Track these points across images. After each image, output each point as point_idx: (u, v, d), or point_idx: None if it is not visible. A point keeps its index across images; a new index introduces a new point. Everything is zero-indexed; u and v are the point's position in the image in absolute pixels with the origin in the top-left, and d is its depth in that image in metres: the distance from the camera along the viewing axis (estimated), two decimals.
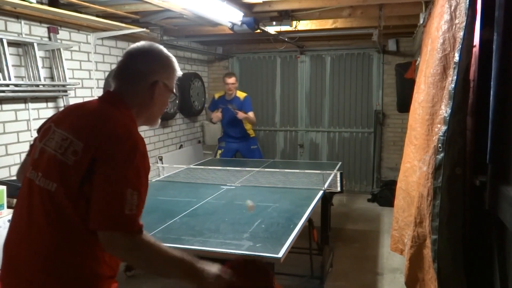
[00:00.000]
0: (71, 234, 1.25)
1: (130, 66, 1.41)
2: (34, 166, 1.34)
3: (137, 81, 1.40)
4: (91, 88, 4.26)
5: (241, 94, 5.44)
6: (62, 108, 1.47)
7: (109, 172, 1.21)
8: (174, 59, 1.47)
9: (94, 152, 1.23)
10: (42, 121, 1.54)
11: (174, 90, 1.50)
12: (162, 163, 5.36)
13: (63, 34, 3.90)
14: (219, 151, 5.60)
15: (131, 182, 1.21)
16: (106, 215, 1.19)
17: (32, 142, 1.48)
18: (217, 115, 5.37)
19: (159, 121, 1.54)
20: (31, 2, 3.08)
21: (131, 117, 1.38)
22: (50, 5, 3.45)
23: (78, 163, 1.24)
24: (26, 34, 3.50)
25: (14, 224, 1.36)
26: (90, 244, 1.25)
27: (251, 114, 5.39)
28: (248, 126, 5.60)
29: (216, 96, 5.51)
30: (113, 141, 1.24)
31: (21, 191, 1.37)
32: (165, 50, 1.46)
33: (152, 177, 4.57)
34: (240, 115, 5.27)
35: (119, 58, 1.45)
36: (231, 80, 5.28)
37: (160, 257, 1.25)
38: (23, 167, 1.48)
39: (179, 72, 1.50)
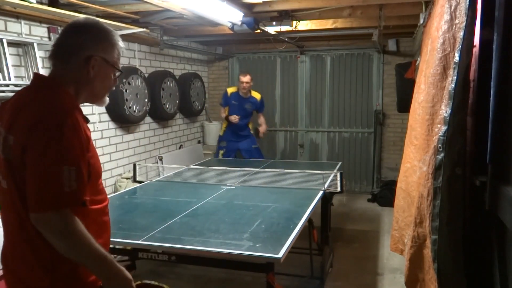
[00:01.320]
0: (25, 219, 1.25)
1: (62, 42, 1.35)
2: None
3: (69, 57, 1.33)
4: None
5: (257, 95, 5.47)
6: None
7: (40, 152, 1.18)
8: (113, 32, 1.40)
9: (23, 140, 1.21)
10: None
11: (119, 66, 1.44)
12: (162, 163, 5.37)
13: None
14: (221, 151, 5.59)
15: (65, 159, 1.18)
16: (44, 195, 1.17)
17: None
18: (235, 118, 5.36)
19: (107, 99, 1.49)
20: (31, 2, 3.08)
21: (68, 95, 1.32)
22: (50, 5, 3.45)
23: (16, 157, 1.23)
24: (26, 34, 3.50)
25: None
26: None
27: (262, 115, 5.61)
28: (251, 125, 5.61)
29: (229, 91, 5.50)
30: (38, 121, 1.20)
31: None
32: (102, 23, 1.40)
33: (152, 177, 4.58)
34: (262, 134, 5.47)
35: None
36: (246, 78, 5.29)
37: (87, 246, 1.23)
38: None
39: (120, 45, 1.42)
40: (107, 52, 1.38)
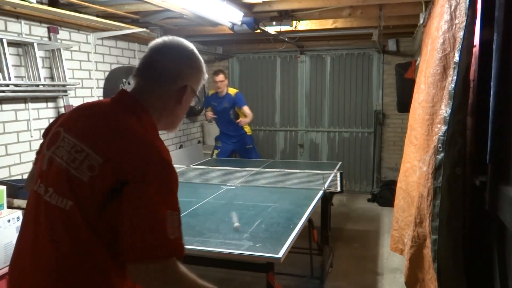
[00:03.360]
0: (84, 260, 1.07)
1: (157, 64, 1.22)
2: (42, 179, 1.16)
3: (163, 83, 1.22)
4: (91, 88, 4.26)
5: (232, 91, 5.44)
6: (72, 108, 1.33)
7: (145, 195, 1.04)
8: (202, 60, 1.31)
9: (119, 172, 1.05)
10: (42, 121, 1.48)
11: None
12: None
13: (63, 34, 3.90)
14: (216, 151, 5.60)
15: (168, 203, 1.08)
16: (149, 242, 1.02)
17: (38, 149, 1.31)
18: (208, 114, 5.42)
19: (178, 127, 1.39)
20: (31, 2, 3.08)
21: (152, 124, 1.21)
22: (50, 5, 3.45)
23: (96, 181, 1.06)
24: (26, 34, 3.50)
25: (19, 244, 1.20)
26: (107, 273, 1.10)
27: (246, 109, 5.36)
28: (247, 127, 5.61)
29: (210, 93, 5.53)
30: (143, 161, 1.07)
31: (27, 206, 1.20)
32: (196, 50, 1.29)
33: None
34: (242, 122, 5.32)
35: (119, 58, 1.38)
36: (219, 77, 5.28)
37: None
38: (31, 178, 1.31)
39: (206, 76, 1.34)
40: (197, 83, 1.29)
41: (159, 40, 1.26)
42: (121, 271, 1.07)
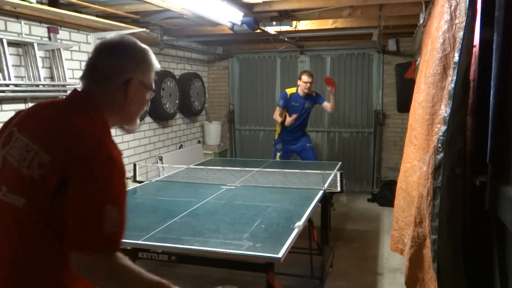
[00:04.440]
0: (39, 253, 1.13)
1: (99, 63, 1.26)
2: None
3: (107, 80, 1.25)
4: None
5: (311, 92, 5.35)
6: (26, 108, 1.34)
7: (85, 189, 1.09)
8: (150, 52, 1.32)
9: (64, 168, 1.10)
10: None
11: (153, 87, 1.35)
12: (162, 163, 5.37)
13: (63, 34, 3.90)
14: (278, 154, 5.44)
15: (110, 197, 1.11)
16: (84, 234, 1.08)
17: None
18: (291, 119, 5.21)
19: (138, 122, 1.40)
20: (31, 2, 3.08)
21: (102, 122, 1.24)
22: (50, 5, 3.45)
23: (45, 178, 1.11)
24: (26, 34, 3.50)
25: None
26: (59, 266, 1.15)
27: (326, 103, 5.33)
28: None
29: (288, 92, 5.30)
30: (86, 156, 1.11)
31: None
32: (138, 42, 1.31)
33: (152, 177, 4.57)
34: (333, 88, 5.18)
35: None
36: (311, 79, 5.15)
37: (138, 283, 1.14)
38: None
39: (157, 66, 1.34)
40: (145, 75, 1.30)
41: (101, 41, 1.29)
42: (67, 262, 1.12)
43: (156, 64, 1.34)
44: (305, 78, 5.17)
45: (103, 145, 1.15)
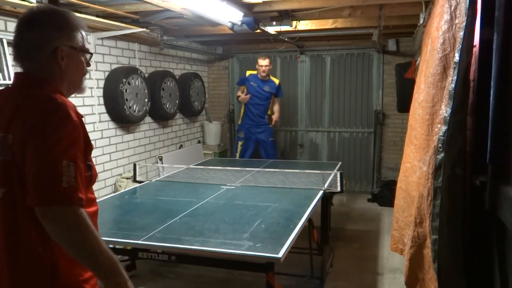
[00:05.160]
0: (25, 236, 1.21)
1: (21, 42, 1.30)
2: None
3: (36, 55, 1.27)
4: (91, 88, 4.26)
5: (275, 80, 5.52)
6: None
7: (40, 145, 1.13)
8: (71, 15, 1.32)
9: (24, 137, 1.15)
10: None
11: (87, 47, 1.37)
12: (162, 163, 5.37)
13: None
14: (240, 143, 5.56)
15: (66, 153, 1.14)
16: (42, 189, 1.12)
17: None
18: (245, 97, 5.40)
19: (85, 86, 1.43)
20: (31, 2, 3.08)
21: (53, 88, 1.27)
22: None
23: (15, 154, 1.18)
24: None
25: None
26: (49, 241, 1.20)
27: (279, 102, 5.68)
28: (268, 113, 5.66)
29: (247, 73, 5.57)
30: (40, 115, 1.17)
31: None
32: (56, 8, 1.31)
33: (152, 177, 4.58)
34: (276, 119, 5.55)
35: (119, 58, 1.39)
36: (265, 62, 5.37)
37: (93, 240, 1.16)
38: None
39: (82, 26, 1.34)
40: (71, 39, 1.30)
41: (19, 17, 1.32)
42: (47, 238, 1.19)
43: (81, 23, 1.34)
44: (259, 61, 5.38)
45: (60, 104, 1.19)
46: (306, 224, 2.71)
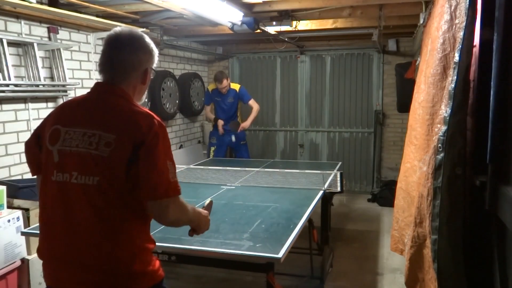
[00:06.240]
0: (120, 216, 1.39)
1: (120, 58, 1.50)
2: (59, 169, 1.42)
3: (130, 71, 1.52)
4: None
5: (235, 86, 5.49)
6: (54, 109, 1.59)
7: (154, 154, 1.38)
8: (151, 42, 1.60)
9: (133, 141, 1.37)
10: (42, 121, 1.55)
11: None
12: None
13: (63, 34, 3.90)
14: (212, 148, 5.60)
15: (168, 155, 1.42)
16: (158, 185, 1.38)
17: (27, 149, 1.57)
18: (220, 127, 5.46)
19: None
20: (31, 2, 3.08)
21: (134, 101, 1.52)
22: (50, 5, 3.45)
23: (114, 152, 1.37)
24: (26, 34, 3.50)
25: (49, 227, 1.46)
26: (138, 221, 1.44)
27: (252, 103, 5.53)
28: (239, 117, 5.64)
29: (210, 88, 5.55)
30: (147, 127, 1.40)
31: (47, 199, 1.45)
32: (146, 37, 1.58)
33: None
34: (244, 126, 5.45)
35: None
36: (223, 84, 5.29)
37: (193, 212, 1.59)
38: (39, 184, 1.54)
39: (157, 52, 1.64)
40: (153, 62, 1.61)
41: (112, 34, 1.52)
42: (140, 221, 1.46)
43: (157, 51, 1.64)
44: (218, 86, 5.33)
45: (153, 117, 1.45)
46: (306, 224, 2.71)
